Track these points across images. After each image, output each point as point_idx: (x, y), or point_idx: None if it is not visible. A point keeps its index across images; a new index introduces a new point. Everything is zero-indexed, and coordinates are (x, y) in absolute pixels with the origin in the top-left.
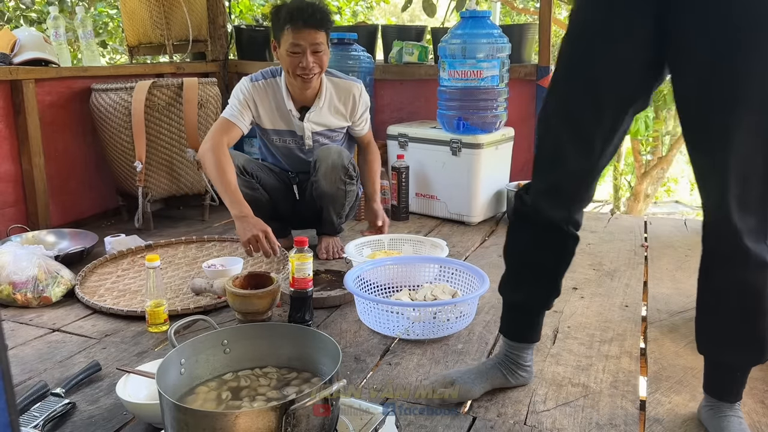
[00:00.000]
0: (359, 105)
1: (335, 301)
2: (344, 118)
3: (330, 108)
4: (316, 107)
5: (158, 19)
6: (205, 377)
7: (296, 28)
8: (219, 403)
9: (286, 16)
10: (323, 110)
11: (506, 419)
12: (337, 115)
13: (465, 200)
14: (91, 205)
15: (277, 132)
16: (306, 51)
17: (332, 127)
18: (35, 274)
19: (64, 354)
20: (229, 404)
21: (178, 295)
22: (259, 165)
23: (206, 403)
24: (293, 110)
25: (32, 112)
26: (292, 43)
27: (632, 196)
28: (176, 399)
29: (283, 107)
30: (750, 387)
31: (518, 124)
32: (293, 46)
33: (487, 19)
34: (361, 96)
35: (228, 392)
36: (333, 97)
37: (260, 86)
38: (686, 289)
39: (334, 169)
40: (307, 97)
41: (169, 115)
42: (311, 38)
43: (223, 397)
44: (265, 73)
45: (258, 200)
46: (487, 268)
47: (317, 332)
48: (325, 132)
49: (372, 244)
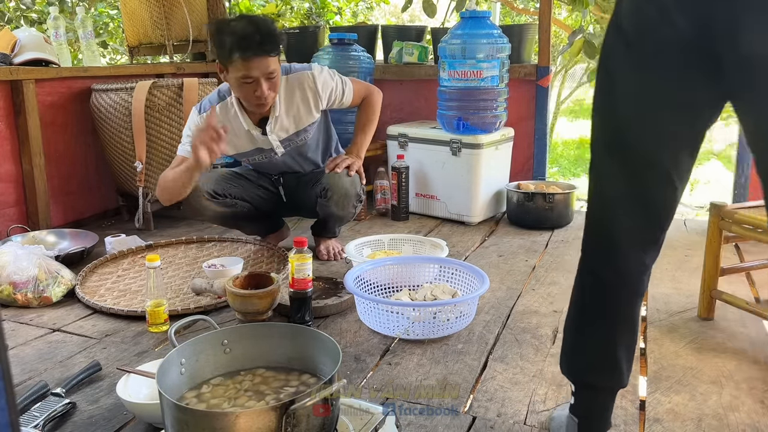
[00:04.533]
0: (318, 89)
1: (332, 310)
2: (309, 113)
3: (289, 110)
4: (272, 117)
5: (158, 19)
6: (205, 377)
7: (246, 59)
8: (219, 402)
9: (233, 45)
10: (282, 116)
11: (506, 419)
12: (300, 113)
13: (465, 200)
14: (92, 206)
15: (242, 155)
16: (259, 80)
17: (300, 127)
18: (36, 274)
19: (64, 354)
20: (229, 404)
21: (178, 295)
22: (234, 177)
23: (206, 403)
24: (252, 129)
25: (32, 113)
26: (244, 75)
27: None
28: (176, 399)
29: (240, 130)
30: (750, 387)
31: (518, 124)
32: (245, 77)
33: (487, 20)
34: (315, 80)
35: (228, 392)
36: (289, 97)
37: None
38: (686, 289)
39: (347, 197)
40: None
41: (170, 116)
42: (263, 67)
43: (224, 397)
44: (212, 99)
45: (238, 213)
46: (487, 268)
47: (317, 332)
48: (293, 136)
49: (372, 244)
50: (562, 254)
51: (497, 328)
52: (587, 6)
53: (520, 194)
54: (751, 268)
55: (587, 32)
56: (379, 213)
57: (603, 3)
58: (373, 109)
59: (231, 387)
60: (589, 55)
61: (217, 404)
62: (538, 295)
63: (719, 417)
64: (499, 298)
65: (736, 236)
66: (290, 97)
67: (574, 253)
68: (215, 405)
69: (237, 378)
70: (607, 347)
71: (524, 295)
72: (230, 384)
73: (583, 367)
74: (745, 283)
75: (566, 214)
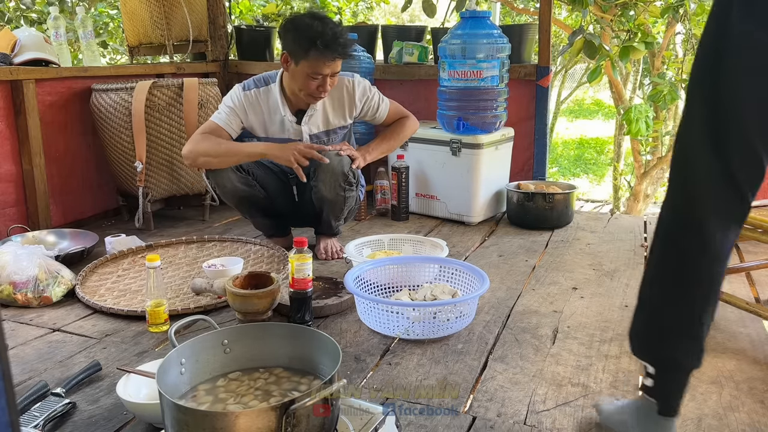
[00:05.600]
0: (356, 97)
1: (332, 310)
2: (342, 117)
3: (326, 108)
4: (311, 110)
5: (158, 19)
6: (205, 377)
7: (323, 57)
8: (219, 402)
9: (313, 39)
10: (318, 112)
11: (506, 419)
12: (334, 114)
13: (465, 200)
14: (92, 205)
15: (271, 140)
16: (326, 78)
17: (331, 127)
18: (36, 274)
19: (64, 354)
20: (230, 404)
21: (178, 295)
22: (256, 163)
23: (206, 403)
24: (288, 115)
25: (33, 113)
26: (316, 71)
27: (632, 196)
28: (176, 399)
29: (276, 115)
30: (750, 387)
31: (518, 124)
32: (315, 73)
33: (487, 20)
34: (354, 87)
35: (228, 392)
36: (327, 97)
37: (252, 95)
38: None
39: (333, 175)
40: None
41: (170, 116)
42: (335, 66)
43: (224, 397)
44: (258, 81)
45: (255, 196)
46: (487, 268)
47: (317, 332)
48: (322, 134)
49: (372, 244)
50: (562, 254)
51: (497, 328)
52: (587, 6)
53: (520, 194)
54: (751, 268)
55: (587, 32)
56: (379, 213)
57: (603, 3)
58: (404, 129)
59: (231, 387)
60: (589, 55)
61: (224, 398)
62: (538, 295)
63: (719, 417)
64: (499, 298)
65: None
66: (330, 97)
67: (574, 253)
68: (223, 399)
69: (237, 378)
70: (694, 322)
71: (524, 295)
72: (230, 384)
73: (672, 345)
74: (745, 283)
75: (566, 214)
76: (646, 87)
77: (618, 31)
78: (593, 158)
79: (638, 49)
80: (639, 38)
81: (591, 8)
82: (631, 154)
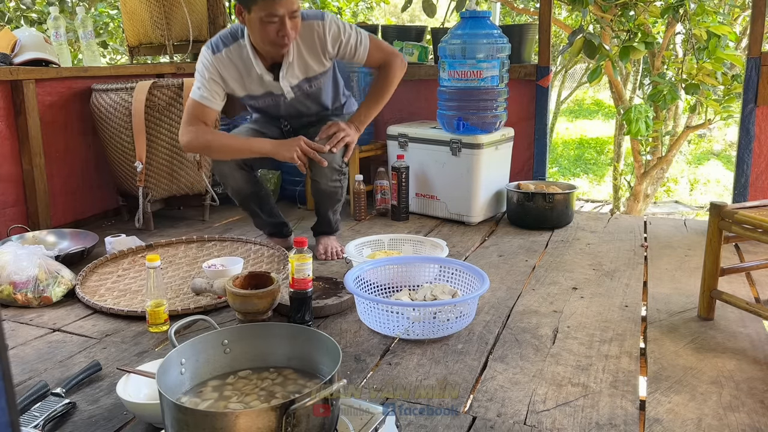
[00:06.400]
0: (327, 41)
1: (332, 310)
2: (320, 61)
3: (301, 57)
4: (286, 62)
5: (158, 19)
6: (205, 377)
7: None
8: (219, 402)
9: None
10: (294, 63)
11: (506, 419)
12: (311, 60)
13: (465, 200)
14: (92, 205)
15: (252, 97)
16: (284, 18)
17: (310, 74)
18: (36, 274)
19: (64, 354)
20: (230, 404)
21: (178, 295)
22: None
23: (207, 403)
24: (264, 73)
25: (33, 113)
26: (270, 12)
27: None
28: (176, 399)
29: (253, 72)
30: (750, 387)
31: (518, 124)
32: (270, 15)
33: (487, 20)
34: (325, 30)
35: (228, 392)
36: (300, 44)
37: (223, 57)
38: (686, 289)
39: (328, 170)
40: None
41: (170, 116)
42: (289, 4)
43: (224, 397)
44: (225, 38)
45: (256, 194)
46: (487, 268)
47: (317, 332)
48: (303, 82)
49: (372, 244)
50: (562, 254)
51: (497, 328)
52: (587, 6)
53: (520, 194)
54: (751, 268)
55: (587, 32)
56: (379, 213)
57: (603, 3)
58: (389, 80)
59: (231, 387)
60: (589, 55)
61: (217, 404)
62: (538, 295)
63: (719, 417)
64: (499, 298)
65: (736, 236)
66: (303, 41)
67: (574, 253)
68: (227, 396)
69: (237, 378)
70: None
71: (524, 295)
72: (230, 384)
73: None
74: (745, 283)
75: (566, 214)
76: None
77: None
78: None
79: (638, 49)
80: (639, 38)
81: (591, 8)
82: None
